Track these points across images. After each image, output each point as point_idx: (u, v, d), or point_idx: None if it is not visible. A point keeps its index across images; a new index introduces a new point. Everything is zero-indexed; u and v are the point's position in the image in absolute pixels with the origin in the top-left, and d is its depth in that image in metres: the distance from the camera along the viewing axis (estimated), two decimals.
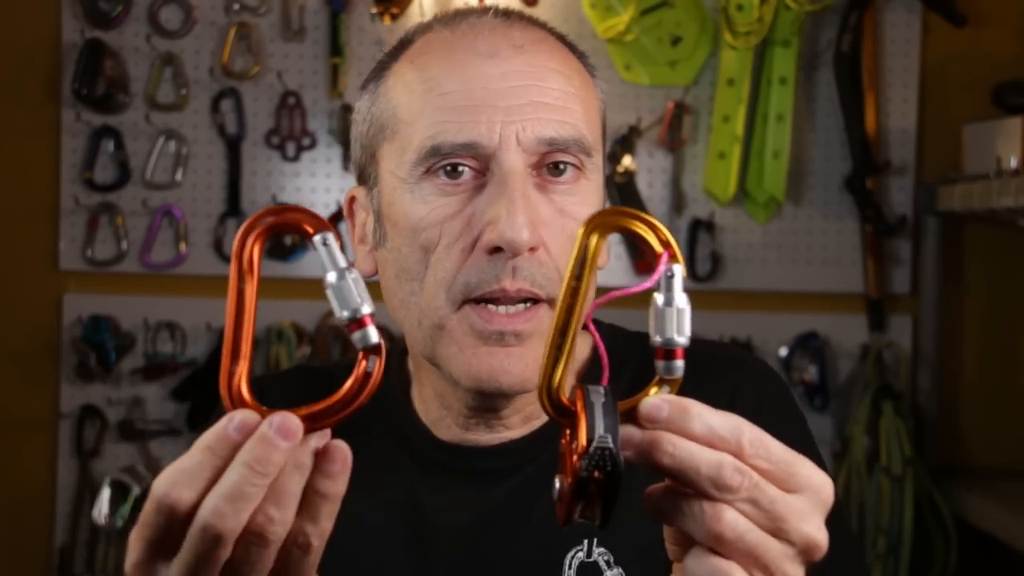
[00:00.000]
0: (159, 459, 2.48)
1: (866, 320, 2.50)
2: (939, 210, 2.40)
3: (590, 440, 0.64)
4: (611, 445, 0.64)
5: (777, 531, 0.66)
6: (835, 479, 2.39)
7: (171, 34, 2.46)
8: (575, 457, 0.65)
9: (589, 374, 1.05)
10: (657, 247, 0.68)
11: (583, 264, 0.68)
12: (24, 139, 2.49)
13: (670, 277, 0.67)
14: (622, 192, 2.44)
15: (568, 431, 0.68)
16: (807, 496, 0.67)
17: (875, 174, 2.47)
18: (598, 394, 0.66)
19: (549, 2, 2.46)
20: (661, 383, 0.69)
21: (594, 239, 0.68)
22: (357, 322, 0.67)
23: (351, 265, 0.67)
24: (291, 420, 0.64)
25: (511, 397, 0.98)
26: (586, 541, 0.98)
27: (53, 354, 2.49)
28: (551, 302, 0.94)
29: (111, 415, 2.47)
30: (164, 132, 2.46)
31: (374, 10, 2.40)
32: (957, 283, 2.54)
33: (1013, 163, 2.15)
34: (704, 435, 0.65)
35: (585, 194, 0.96)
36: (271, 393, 1.03)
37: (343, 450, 0.66)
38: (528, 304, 0.94)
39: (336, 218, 2.39)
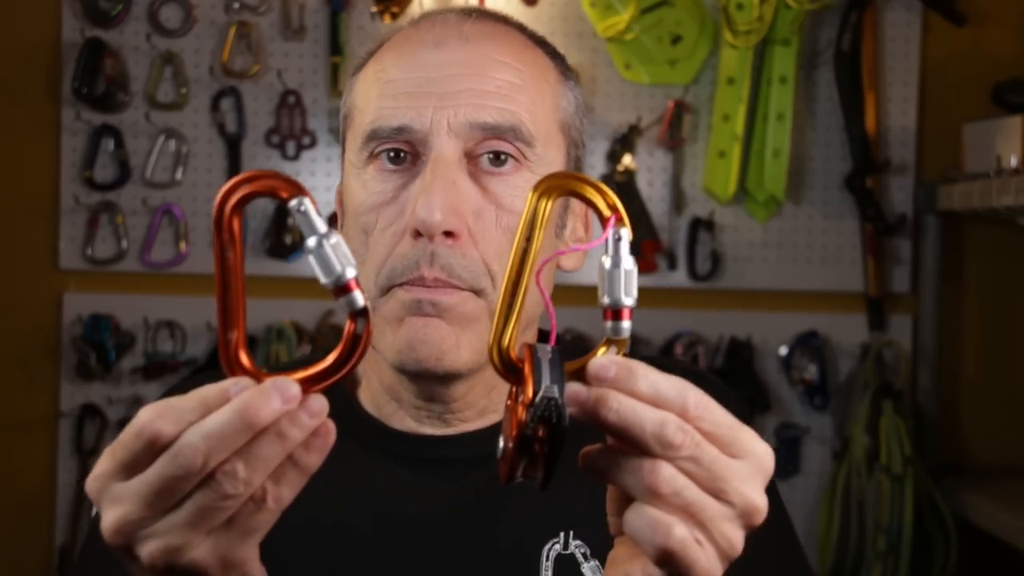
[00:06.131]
0: None
1: (866, 319, 2.50)
2: (939, 209, 2.40)
3: (535, 392, 0.65)
4: (556, 395, 0.65)
5: (717, 491, 0.67)
6: (835, 478, 2.41)
7: (171, 33, 2.46)
8: (520, 409, 0.66)
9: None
10: (605, 211, 0.70)
11: (532, 226, 0.69)
12: (24, 138, 2.49)
13: (617, 240, 0.69)
14: (622, 191, 2.44)
15: (514, 390, 0.69)
16: (748, 461, 0.68)
17: (875, 173, 2.47)
18: (545, 351, 0.67)
19: (549, 1, 2.46)
20: (608, 344, 0.70)
21: (544, 202, 0.70)
22: (341, 288, 0.66)
23: (332, 228, 0.67)
24: (290, 384, 0.64)
25: (446, 381, 0.96)
26: (562, 533, 0.98)
27: (53, 353, 2.49)
28: (477, 293, 0.94)
29: (111, 414, 2.47)
30: (164, 131, 2.46)
31: (374, 9, 2.40)
32: (957, 282, 2.54)
33: (1013, 162, 2.14)
34: (650, 395, 0.66)
35: (527, 188, 0.94)
36: None
37: (328, 426, 0.66)
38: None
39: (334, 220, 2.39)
